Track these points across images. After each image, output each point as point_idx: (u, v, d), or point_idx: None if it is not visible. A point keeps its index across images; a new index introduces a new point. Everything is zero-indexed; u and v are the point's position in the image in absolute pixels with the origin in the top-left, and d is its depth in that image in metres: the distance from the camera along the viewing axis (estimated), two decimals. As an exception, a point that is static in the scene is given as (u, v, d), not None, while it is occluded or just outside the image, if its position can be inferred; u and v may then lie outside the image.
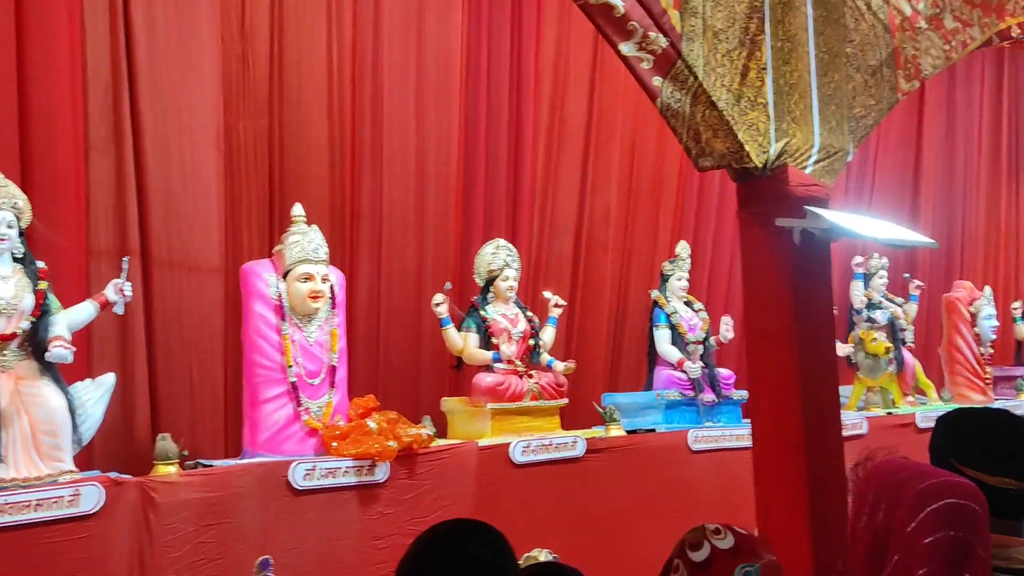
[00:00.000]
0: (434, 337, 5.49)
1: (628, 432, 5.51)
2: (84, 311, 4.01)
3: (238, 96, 5.15)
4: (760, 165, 3.44)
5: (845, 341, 7.15)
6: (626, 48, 3.21)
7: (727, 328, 6.05)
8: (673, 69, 3.28)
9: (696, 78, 3.29)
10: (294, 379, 4.40)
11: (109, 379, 4.01)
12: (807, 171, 3.54)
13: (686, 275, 6.14)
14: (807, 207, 3.35)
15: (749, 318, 3.61)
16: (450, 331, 5.15)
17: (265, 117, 5.26)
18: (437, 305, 5.09)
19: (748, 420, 6.28)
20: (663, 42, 3.21)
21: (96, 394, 3.91)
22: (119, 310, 4.09)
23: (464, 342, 5.18)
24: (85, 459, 4.31)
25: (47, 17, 4.47)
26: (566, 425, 5.72)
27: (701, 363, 5.93)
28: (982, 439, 2.01)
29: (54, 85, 4.50)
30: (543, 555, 4.51)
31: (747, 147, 3.39)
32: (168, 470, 3.93)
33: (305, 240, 4.48)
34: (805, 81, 3.59)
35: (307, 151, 5.39)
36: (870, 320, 7.16)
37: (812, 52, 3.62)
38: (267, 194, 5.26)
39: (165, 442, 3.97)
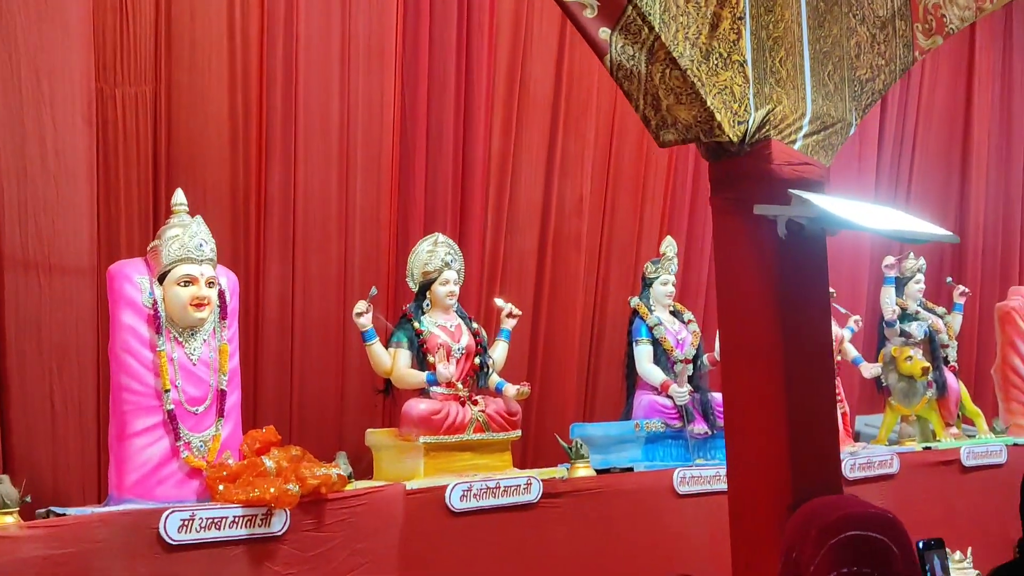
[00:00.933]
0: (362, 355, 5.31)
1: (599, 471, 5.34)
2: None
3: (114, 57, 5.00)
4: (736, 139, 3.30)
5: (875, 360, 7.00)
6: (564, -10, 3.06)
7: (724, 344, 5.91)
8: (623, 18, 3.13)
9: (651, 29, 3.14)
10: (171, 406, 4.23)
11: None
12: (796, 146, 3.39)
13: (673, 278, 5.98)
14: (792, 191, 3.19)
15: (724, 330, 3.46)
16: (375, 347, 5.00)
17: (149, 83, 5.11)
18: (359, 315, 4.94)
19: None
20: (609, -18, 3.05)
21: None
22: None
23: (393, 360, 5.02)
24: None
25: None
26: (525, 463, 5.57)
27: (691, 386, 5.77)
28: None
29: None
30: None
31: (718, 116, 3.24)
32: (5, 520, 3.74)
33: (186, 235, 4.31)
34: (794, 34, 3.45)
35: (202, 125, 5.24)
36: (904, 334, 7.03)
37: (804, -2, 3.47)
38: (151, 178, 5.11)
39: (2, 486, 3.78)
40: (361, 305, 4.95)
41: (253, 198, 5.40)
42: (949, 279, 7.63)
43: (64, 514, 4.02)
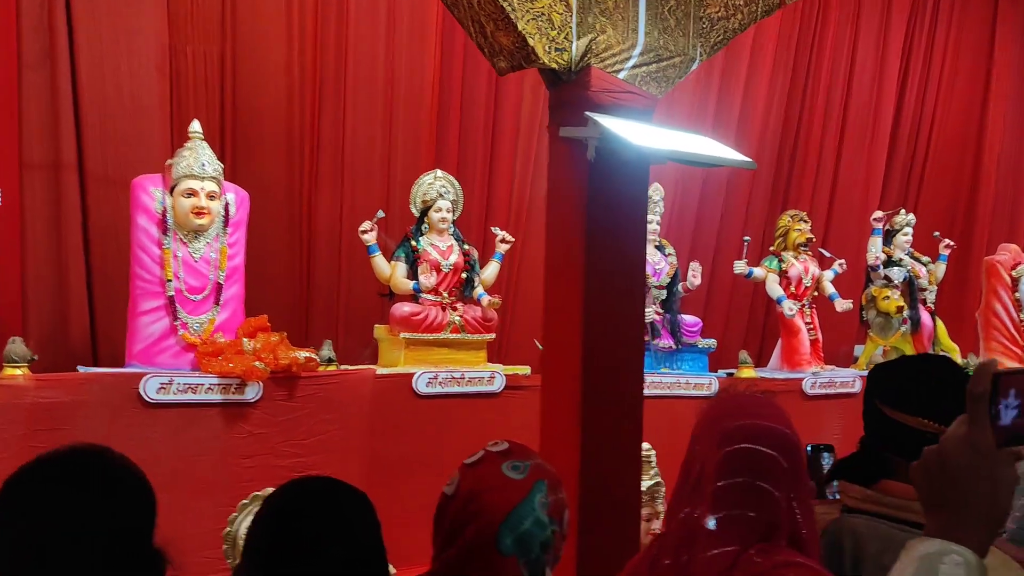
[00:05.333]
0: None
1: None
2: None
3: (185, 19, 4.59)
4: (556, 65, 2.51)
5: (858, 298, 5.89)
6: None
7: (694, 274, 5.00)
8: (432, -56, 2.37)
9: (460, -46, 2.36)
10: (172, 293, 3.83)
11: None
12: (621, 75, 2.57)
13: (658, 218, 5.16)
14: (588, 114, 2.37)
15: (548, 244, 2.68)
16: (378, 259, 4.45)
17: (216, 43, 4.67)
18: (364, 232, 4.36)
19: (721, 370, 5.23)
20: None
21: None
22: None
23: (392, 271, 4.43)
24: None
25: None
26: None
27: (661, 308, 4.93)
28: (908, 382, 1.61)
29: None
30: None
31: (531, 40, 2.49)
32: (15, 372, 3.40)
33: (192, 156, 3.86)
34: (627, -31, 2.57)
35: (263, 77, 4.80)
36: (886, 278, 5.88)
37: (642, -64, 2.58)
38: (218, 118, 4.68)
39: (15, 345, 3.47)
40: (366, 224, 4.41)
41: (307, 139, 4.91)
42: (936, 233, 6.34)
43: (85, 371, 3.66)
